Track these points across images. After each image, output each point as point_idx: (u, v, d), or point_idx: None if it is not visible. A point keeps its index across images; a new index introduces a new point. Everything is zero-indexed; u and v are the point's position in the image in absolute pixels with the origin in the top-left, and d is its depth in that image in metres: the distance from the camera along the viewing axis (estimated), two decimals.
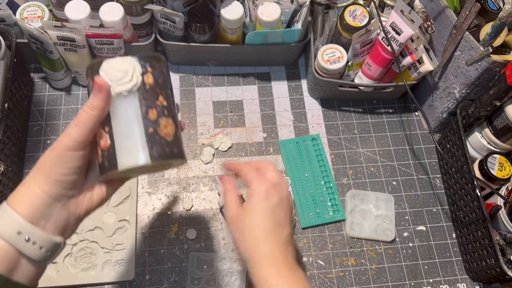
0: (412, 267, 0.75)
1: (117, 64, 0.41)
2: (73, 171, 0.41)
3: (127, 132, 0.41)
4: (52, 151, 0.41)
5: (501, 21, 0.63)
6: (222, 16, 0.75)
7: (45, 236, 0.40)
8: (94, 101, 0.41)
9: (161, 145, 0.42)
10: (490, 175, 0.72)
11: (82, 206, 0.44)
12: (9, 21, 0.74)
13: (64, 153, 0.40)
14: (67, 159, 0.41)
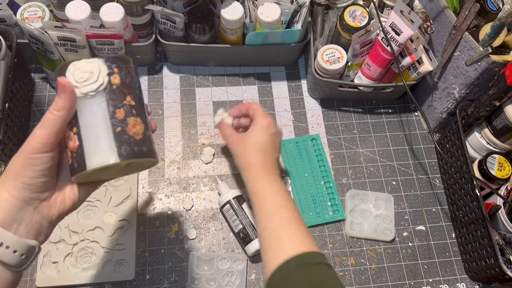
0: (411, 267, 0.76)
1: (83, 65, 0.42)
2: (42, 173, 0.41)
3: (95, 132, 0.41)
4: (19, 155, 0.41)
5: (501, 21, 0.63)
6: (222, 16, 0.76)
7: (18, 240, 0.40)
8: (59, 101, 0.40)
9: (130, 144, 0.42)
10: (489, 175, 0.72)
11: (54, 209, 0.43)
12: (9, 22, 0.75)
13: (32, 155, 0.40)
14: (35, 161, 0.40)
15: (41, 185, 0.41)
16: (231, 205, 0.72)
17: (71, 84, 0.41)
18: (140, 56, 0.84)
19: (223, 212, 0.74)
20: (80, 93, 0.41)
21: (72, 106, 0.41)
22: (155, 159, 0.45)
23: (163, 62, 0.89)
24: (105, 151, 0.41)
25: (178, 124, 0.83)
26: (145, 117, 0.45)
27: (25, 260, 0.41)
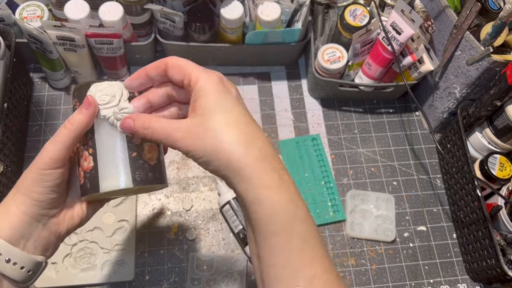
0: (412, 268, 0.75)
1: (105, 87, 0.42)
2: (52, 189, 0.41)
3: (111, 155, 0.42)
4: (30, 170, 0.41)
5: (502, 20, 0.63)
6: (222, 15, 0.75)
7: (26, 256, 0.40)
8: (77, 116, 0.40)
9: (144, 170, 0.42)
10: (490, 175, 0.72)
11: (63, 225, 0.43)
12: (8, 21, 0.74)
13: (42, 171, 0.40)
14: (45, 177, 0.40)
15: (50, 202, 0.41)
16: (231, 205, 0.72)
17: (97, 102, 0.41)
18: (140, 56, 0.84)
19: (223, 212, 0.74)
20: (100, 115, 0.42)
21: (88, 123, 0.41)
22: (165, 184, 0.45)
23: None
24: (119, 175, 0.42)
25: None
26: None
27: (32, 276, 0.41)
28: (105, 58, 0.77)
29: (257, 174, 0.36)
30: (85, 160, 0.43)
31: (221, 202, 0.73)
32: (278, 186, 0.36)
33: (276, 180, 0.36)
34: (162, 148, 0.47)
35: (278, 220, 0.36)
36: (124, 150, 0.42)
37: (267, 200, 0.36)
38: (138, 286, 0.69)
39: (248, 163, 0.36)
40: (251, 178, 0.36)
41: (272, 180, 0.36)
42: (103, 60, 0.78)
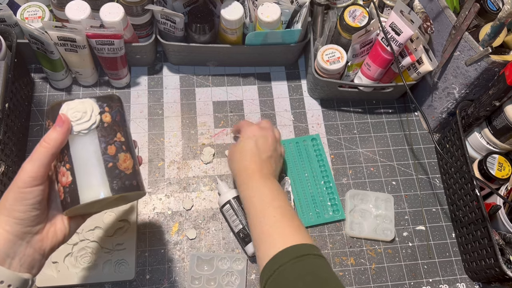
0: (411, 267, 0.76)
1: (77, 105, 0.44)
2: (34, 207, 0.42)
3: (88, 168, 0.44)
4: (10, 190, 0.42)
5: (501, 21, 0.63)
6: (222, 16, 0.76)
7: (12, 274, 0.41)
8: (52, 134, 0.42)
9: (121, 179, 0.44)
10: (489, 175, 0.72)
11: (46, 242, 0.44)
12: (9, 22, 0.75)
13: (23, 190, 0.41)
14: (26, 195, 0.42)
15: (33, 219, 0.42)
16: (231, 205, 0.72)
17: (70, 120, 0.43)
18: (140, 56, 0.84)
19: (223, 212, 0.74)
20: (73, 131, 0.44)
21: (63, 141, 0.43)
22: (143, 192, 0.48)
23: (163, 62, 0.89)
24: (98, 185, 0.43)
25: (178, 124, 0.83)
26: (134, 152, 0.48)
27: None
28: (106, 59, 0.77)
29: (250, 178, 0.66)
30: (63, 176, 0.44)
31: (221, 202, 0.74)
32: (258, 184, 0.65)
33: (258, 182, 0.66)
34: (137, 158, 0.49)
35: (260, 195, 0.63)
36: (100, 161, 0.44)
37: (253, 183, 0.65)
38: (138, 285, 0.70)
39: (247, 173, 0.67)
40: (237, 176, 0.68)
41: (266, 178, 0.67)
42: (103, 61, 0.78)
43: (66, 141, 0.44)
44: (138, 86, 0.86)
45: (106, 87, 0.85)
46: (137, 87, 0.86)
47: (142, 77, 0.88)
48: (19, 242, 0.42)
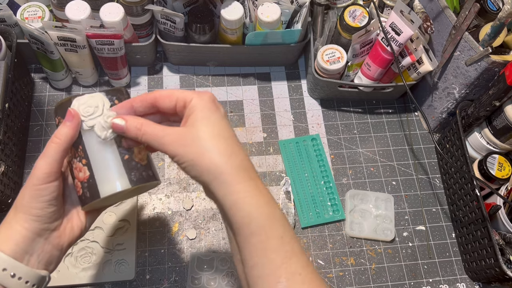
0: (411, 267, 0.76)
1: (87, 100, 0.44)
2: (50, 203, 0.42)
3: (104, 162, 0.44)
4: (26, 188, 0.42)
5: (501, 21, 0.63)
6: (222, 16, 0.76)
7: (30, 271, 0.41)
8: (63, 129, 0.42)
9: (138, 170, 0.44)
10: (489, 175, 0.72)
11: (64, 237, 0.45)
12: (9, 22, 0.75)
13: (38, 187, 0.41)
14: (42, 192, 0.42)
15: (50, 216, 0.43)
16: None
17: (79, 114, 0.43)
18: (140, 56, 0.84)
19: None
20: (86, 126, 0.43)
21: (74, 135, 0.43)
22: (159, 181, 0.48)
23: (163, 62, 0.89)
24: (116, 178, 0.43)
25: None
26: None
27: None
28: (106, 59, 0.77)
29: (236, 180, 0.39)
30: (80, 171, 0.44)
31: None
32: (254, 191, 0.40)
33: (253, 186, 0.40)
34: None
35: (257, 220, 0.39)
36: (116, 154, 0.44)
37: (245, 203, 0.39)
38: (138, 285, 0.70)
39: (229, 170, 0.39)
40: (231, 184, 0.39)
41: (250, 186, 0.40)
42: (104, 61, 0.78)
43: (77, 136, 0.44)
44: (138, 86, 0.86)
45: (106, 87, 0.85)
46: (137, 87, 0.86)
47: (142, 77, 0.88)
48: (38, 239, 0.42)
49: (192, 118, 0.41)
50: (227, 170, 0.39)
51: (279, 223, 0.40)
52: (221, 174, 0.39)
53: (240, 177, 0.39)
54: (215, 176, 0.39)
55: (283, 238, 0.40)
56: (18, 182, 0.73)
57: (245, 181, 0.39)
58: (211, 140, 0.40)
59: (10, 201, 0.70)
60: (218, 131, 0.41)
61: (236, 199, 0.39)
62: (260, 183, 0.41)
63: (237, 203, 0.39)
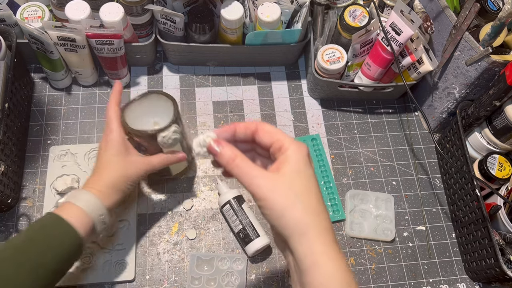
0: (412, 267, 0.75)
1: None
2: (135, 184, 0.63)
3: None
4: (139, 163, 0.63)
5: (501, 21, 0.63)
6: (222, 16, 0.75)
7: (113, 220, 0.51)
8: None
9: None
10: (489, 175, 0.72)
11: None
12: (9, 21, 0.75)
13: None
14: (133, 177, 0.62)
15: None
16: (231, 205, 0.72)
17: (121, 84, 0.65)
18: (140, 56, 0.84)
19: (223, 212, 0.74)
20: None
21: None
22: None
23: (163, 62, 0.89)
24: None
25: None
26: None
27: (103, 232, 0.59)
28: (105, 59, 0.77)
29: (320, 241, 0.38)
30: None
31: (221, 202, 0.74)
32: (336, 255, 0.39)
33: (336, 250, 0.39)
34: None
35: (335, 285, 0.38)
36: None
37: (327, 265, 0.38)
38: (138, 285, 0.70)
39: (316, 230, 0.39)
40: (314, 243, 0.38)
41: (332, 250, 0.39)
42: (103, 61, 0.78)
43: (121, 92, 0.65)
44: (138, 86, 0.86)
45: (106, 87, 0.85)
46: (137, 87, 0.86)
47: (142, 77, 0.87)
48: (123, 180, 0.61)
49: (287, 168, 0.40)
50: (314, 229, 0.38)
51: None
52: (307, 232, 0.38)
53: (324, 238, 0.39)
54: (301, 233, 0.38)
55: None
56: (17, 182, 0.73)
57: (328, 244, 0.39)
58: (304, 195, 0.39)
59: (10, 201, 0.70)
60: (311, 187, 0.40)
61: (317, 260, 0.38)
62: (338, 247, 0.40)
63: (318, 265, 0.38)
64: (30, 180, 0.75)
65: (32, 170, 0.76)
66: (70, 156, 0.77)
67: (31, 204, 0.73)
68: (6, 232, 0.71)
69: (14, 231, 0.71)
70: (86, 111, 0.83)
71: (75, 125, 0.81)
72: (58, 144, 0.79)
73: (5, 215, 0.72)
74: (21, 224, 0.72)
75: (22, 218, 0.72)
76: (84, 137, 0.80)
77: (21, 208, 0.73)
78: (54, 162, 0.76)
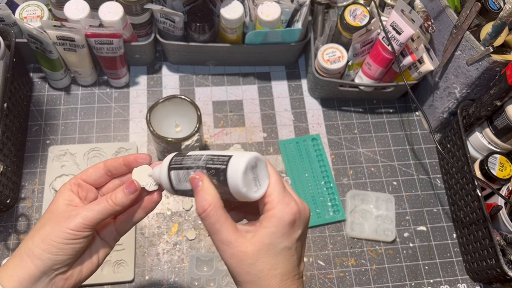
0: (412, 268, 0.75)
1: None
2: (75, 249, 0.41)
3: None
4: (57, 225, 0.41)
5: (502, 20, 0.63)
6: (222, 15, 0.75)
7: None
8: (122, 197, 0.42)
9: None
10: (490, 175, 0.72)
11: (70, 281, 0.43)
12: (8, 21, 0.74)
13: (73, 232, 0.40)
14: (73, 237, 0.40)
15: (65, 260, 0.41)
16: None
17: (140, 188, 0.43)
18: (139, 56, 0.84)
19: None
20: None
21: (129, 206, 0.43)
22: None
23: (162, 61, 0.89)
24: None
25: None
26: None
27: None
28: (105, 58, 0.77)
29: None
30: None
31: None
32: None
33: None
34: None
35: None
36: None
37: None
38: (138, 286, 0.69)
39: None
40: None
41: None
42: (103, 60, 0.78)
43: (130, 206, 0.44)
44: (137, 86, 0.86)
45: (105, 87, 0.85)
46: (136, 86, 0.86)
47: (141, 76, 0.87)
48: (44, 278, 0.41)
49: (259, 237, 0.38)
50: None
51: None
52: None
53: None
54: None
55: None
56: (16, 182, 0.73)
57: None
58: (264, 279, 0.38)
59: (8, 201, 0.70)
60: (276, 266, 0.38)
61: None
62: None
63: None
64: (29, 180, 0.75)
65: (31, 170, 0.76)
66: (69, 156, 0.77)
67: (30, 205, 0.73)
68: (5, 233, 0.71)
69: (13, 231, 0.71)
70: (85, 111, 0.82)
71: (74, 125, 0.81)
72: (57, 144, 0.79)
73: (4, 215, 0.72)
74: (20, 224, 0.72)
75: (21, 219, 0.72)
76: (83, 137, 0.80)
77: (20, 208, 0.73)
78: (53, 162, 0.76)
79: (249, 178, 0.37)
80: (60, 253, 0.40)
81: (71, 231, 0.40)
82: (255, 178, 0.38)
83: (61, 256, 0.41)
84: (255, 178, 0.38)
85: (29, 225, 0.72)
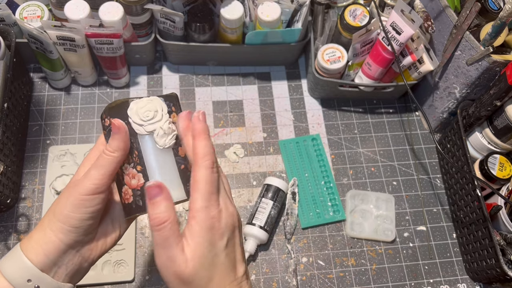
0: (412, 267, 0.75)
1: (146, 104, 0.42)
2: (92, 215, 0.40)
3: (162, 170, 0.41)
4: (71, 195, 0.40)
5: (502, 21, 0.63)
6: (222, 15, 0.75)
7: (54, 284, 0.40)
8: (114, 142, 0.41)
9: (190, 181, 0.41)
10: (490, 175, 0.72)
11: (96, 250, 0.43)
12: (8, 21, 0.74)
13: (85, 197, 0.40)
14: (87, 203, 0.40)
15: (88, 228, 0.41)
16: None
17: (125, 126, 0.41)
18: (140, 56, 0.84)
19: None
20: (145, 131, 0.41)
21: (126, 147, 0.41)
22: None
23: (162, 61, 0.89)
24: (173, 189, 0.41)
25: None
26: None
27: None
28: (105, 58, 0.77)
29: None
30: (132, 178, 0.41)
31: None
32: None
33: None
34: None
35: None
36: (173, 163, 0.41)
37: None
38: (138, 286, 0.69)
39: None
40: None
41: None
42: (103, 60, 0.78)
43: (129, 146, 0.42)
44: (137, 86, 0.86)
45: (105, 87, 0.85)
46: (136, 86, 0.86)
47: (141, 76, 0.87)
48: (70, 251, 0.41)
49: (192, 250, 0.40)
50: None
51: None
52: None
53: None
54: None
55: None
56: (17, 182, 0.73)
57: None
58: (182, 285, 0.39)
59: (9, 201, 0.70)
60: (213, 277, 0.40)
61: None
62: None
63: None
64: (29, 180, 0.75)
65: (31, 170, 0.76)
66: (70, 156, 0.77)
67: (31, 205, 0.73)
68: (6, 233, 0.71)
69: (13, 231, 0.71)
70: (86, 111, 0.82)
71: (74, 125, 0.81)
72: (58, 144, 0.79)
73: (4, 215, 0.72)
74: (20, 224, 0.72)
75: (22, 218, 0.72)
76: (83, 137, 0.80)
77: (20, 208, 0.73)
78: (54, 162, 0.76)
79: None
80: (79, 223, 0.40)
81: (83, 196, 0.40)
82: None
83: (79, 224, 0.40)
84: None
85: (29, 225, 0.72)
